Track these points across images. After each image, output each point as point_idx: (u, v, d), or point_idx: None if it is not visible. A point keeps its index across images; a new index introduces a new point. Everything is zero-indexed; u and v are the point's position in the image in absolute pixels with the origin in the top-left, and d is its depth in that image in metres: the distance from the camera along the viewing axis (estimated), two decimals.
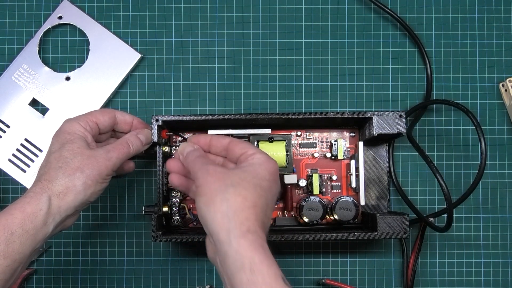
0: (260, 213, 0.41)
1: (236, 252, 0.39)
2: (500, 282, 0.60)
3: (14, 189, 0.61)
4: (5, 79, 0.61)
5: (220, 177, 0.42)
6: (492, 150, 0.62)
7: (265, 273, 0.38)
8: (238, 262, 0.38)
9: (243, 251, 0.39)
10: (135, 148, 0.52)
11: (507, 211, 0.61)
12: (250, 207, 0.41)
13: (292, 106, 0.62)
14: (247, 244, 0.39)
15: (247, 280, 0.38)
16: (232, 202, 0.40)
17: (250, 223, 0.40)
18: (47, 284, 0.60)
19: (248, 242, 0.39)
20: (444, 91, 0.62)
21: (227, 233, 0.39)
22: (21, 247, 0.43)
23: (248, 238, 0.39)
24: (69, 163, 0.47)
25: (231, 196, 0.41)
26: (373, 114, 0.54)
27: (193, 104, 0.62)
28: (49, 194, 0.45)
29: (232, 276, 0.39)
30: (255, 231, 0.40)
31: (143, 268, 0.60)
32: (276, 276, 0.38)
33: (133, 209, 0.61)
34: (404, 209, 0.60)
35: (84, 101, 0.61)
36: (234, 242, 0.39)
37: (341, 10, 0.63)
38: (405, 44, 0.63)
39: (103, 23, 0.62)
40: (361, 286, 0.60)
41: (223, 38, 0.63)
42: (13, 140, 0.60)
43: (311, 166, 0.60)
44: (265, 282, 0.38)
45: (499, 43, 0.63)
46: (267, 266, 0.38)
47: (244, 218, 0.40)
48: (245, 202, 0.41)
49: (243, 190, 0.41)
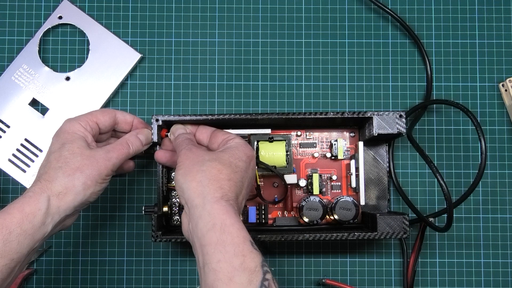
0: (234, 186, 0.44)
1: (209, 214, 0.41)
2: (500, 282, 0.60)
3: (14, 189, 0.61)
4: (5, 79, 0.61)
5: (199, 153, 0.47)
6: (492, 150, 0.62)
7: (235, 234, 0.40)
8: (210, 223, 0.41)
9: (216, 213, 0.41)
10: (134, 148, 0.52)
11: (507, 211, 0.61)
12: (225, 179, 0.44)
13: (292, 106, 0.62)
14: (220, 208, 0.42)
15: (217, 239, 0.40)
16: (207, 173, 0.44)
17: (224, 192, 0.43)
18: (47, 284, 0.60)
19: (221, 206, 0.42)
20: (444, 91, 0.62)
21: (202, 198, 0.43)
22: (19, 246, 0.43)
23: (221, 203, 0.42)
24: (68, 163, 0.47)
25: (206, 167, 0.44)
26: (373, 114, 0.53)
27: (193, 104, 0.62)
28: (48, 194, 0.45)
29: (202, 237, 0.41)
30: (229, 199, 0.43)
31: (143, 268, 0.60)
32: (244, 238, 0.41)
33: (133, 209, 0.61)
34: (404, 209, 0.60)
35: (84, 101, 0.61)
36: (208, 205, 0.42)
37: (341, 10, 0.63)
38: (405, 44, 0.63)
39: (103, 23, 0.62)
40: (361, 286, 0.60)
41: (223, 38, 0.63)
42: (13, 140, 0.60)
43: (311, 166, 0.60)
44: (233, 242, 0.40)
45: (499, 43, 0.63)
46: (237, 229, 0.41)
47: (219, 186, 0.43)
48: (220, 174, 0.44)
49: (219, 164, 0.45)
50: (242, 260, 0.39)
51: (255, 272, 0.39)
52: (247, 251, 0.40)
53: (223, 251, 0.40)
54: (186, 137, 0.52)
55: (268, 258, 0.60)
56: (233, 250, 0.40)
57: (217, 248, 0.40)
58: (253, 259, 0.39)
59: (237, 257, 0.39)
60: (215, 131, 0.54)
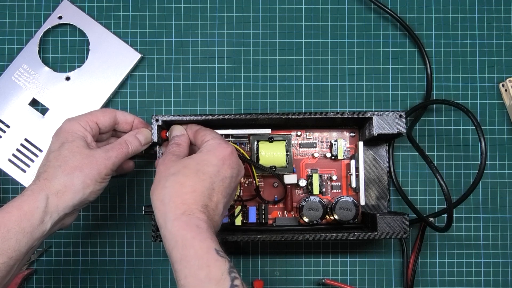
0: (199, 196, 0.44)
1: (169, 233, 0.42)
2: (500, 282, 0.60)
3: (14, 189, 0.61)
4: (5, 79, 0.61)
5: (168, 166, 0.46)
6: (492, 150, 0.62)
7: (197, 246, 0.40)
8: (172, 242, 0.42)
9: (176, 231, 0.42)
10: (133, 148, 0.52)
11: (507, 211, 0.61)
12: (188, 192, 0.44)
13: (292, 106, 0.62)
14: (180, 225, 0.42)
15: (180, 255, 0.41)
16: (169, 190, 0.44)
17: (186, 206, 0.43)
18: (47, 284, 0.60)
19: (181, 223, 0.42)
20: (444, 91, 0.62)
21: (163, 218, 0.43)
22: (17, 244, 0.43)
23: (182, 219, 0.42)
24: (68, 162, 0.47)
25: (170, 183, 0.44)
26: (373, 114, 0.53)
27: (193, 104, 0.62)
28: (47, 193, 0.45)
29: (170, 255, 0.42)
30: (191, 213, 0.42)
31: (143, 268, 0.60)
32: (208, 248, 0.40)
33: (133, 209, 0.61)
34: (404, 209, 0.60)
35: (84, 101, 0.61)
36: (168, 224, 0.42)
37: (341, 10, 0.63)
38: (405, 44, 0.63)
39: (103, 23, 0.62)
40: (361, 286, 0.60)
41: (223, 38, 0.63)
42: (13, 140, 0.60)
43: (311, 166, 0.60)
44: (196, 255, 0.40)
45: (499, 43, 0.63)
46: (199, 241, 0.41)
47: (180, 202, 0.43)
48: (182, 188, 0.44)
49: (182, 177, 0.45)
50: (207, 271, 0.39)
51: (222, 280, 0.39)
52: (212, 261, 0.40)
53: (188, 266, 0.40)
54: (174, 142, 0.52)
55: (268, 258, 0.61)
56: (197, 263, 0.40)
57: (182, 264, 0.40)
58: (219, 267, 0.40)
59: (201, 269, 0.39)
60: (198, 129, 0.53)
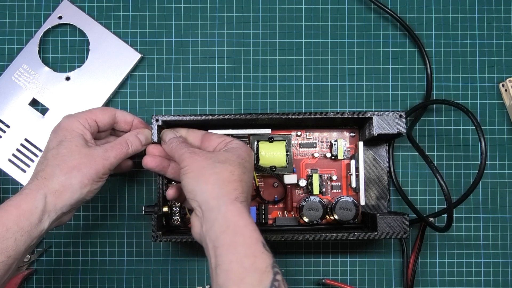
0: (245, 187, 0.45)
1: (223, 217, 0.42)
2: (500, 282, 0.60)
3: (14, 189, 0.61)
4: (5, 79, 0.61)
5: (207, 156, 0.46)
6: (492, 150, 0.62)
7: (247, 235, 0.41)
8: (224, 225, 0.42)
9: (230, 215, 0.42)
10: (134, 148, 0.52)
11: (507, 211, 0.61)
12: (237, 180, 0.44)
13: (292, 106, 0.62)
14: (234, 209, 0.42)
15: (230, 240, 0.41)
16: (220, 175, 0.44)
17: (238, 193, 0.44)
18: (47, 284, 0.60)
19: (235, 208, 0.42)
20: (444, 91, 0.62)
21: (217, 201, 0.43)
22: (16, 243, 0.43)
23: (236, 205, 0.42)
24: (66, 161, 0.47)
25: (219, 170, 0.44)
26: (373, 114, 0.53)
27: (193, 104, 0.62)
28: (45, 192, 0.45)
29: (216, 239, 0.41)
30: (242, 200, 0.43)
31: (143, 268, 0.60)
32: (257, 240, 0.41)
33: (133, 209, 0.61)
34: (404, 209, 0.60)
35: (84, 101, 0.61)
36: (223, 207, 0.42)
37: (341, 10, 0.63)
38: (405, 44, 0.63)
39: (103, 23, 0.62)
40: (361, 286, 0.60)
41: (223, 38, 0.63)
42: (13, 140, 0.60)
43: (311, 166, 0.60)
44: (245, 243, 0.41)
45: (499, 43, 0.63)
46: (250, 231, 0.41)
47: (232, 188, 0.44)
48: (232, 176, 0.44)
49: (230, 165, 0.45)
50: (253, 260, 0.40)
51: (266, 272, 0.39)
52: (258, 252, 0.40)
53: (235, 252, 0.40)
54: (181, 140, 0.51)
55: None
56: (245, 251, 0.40)
57: (229, 250, 0.40)
58: (264, 260, 0.40)
59: (248, 258, 0.40)
60: (206, 133, 0.53)
